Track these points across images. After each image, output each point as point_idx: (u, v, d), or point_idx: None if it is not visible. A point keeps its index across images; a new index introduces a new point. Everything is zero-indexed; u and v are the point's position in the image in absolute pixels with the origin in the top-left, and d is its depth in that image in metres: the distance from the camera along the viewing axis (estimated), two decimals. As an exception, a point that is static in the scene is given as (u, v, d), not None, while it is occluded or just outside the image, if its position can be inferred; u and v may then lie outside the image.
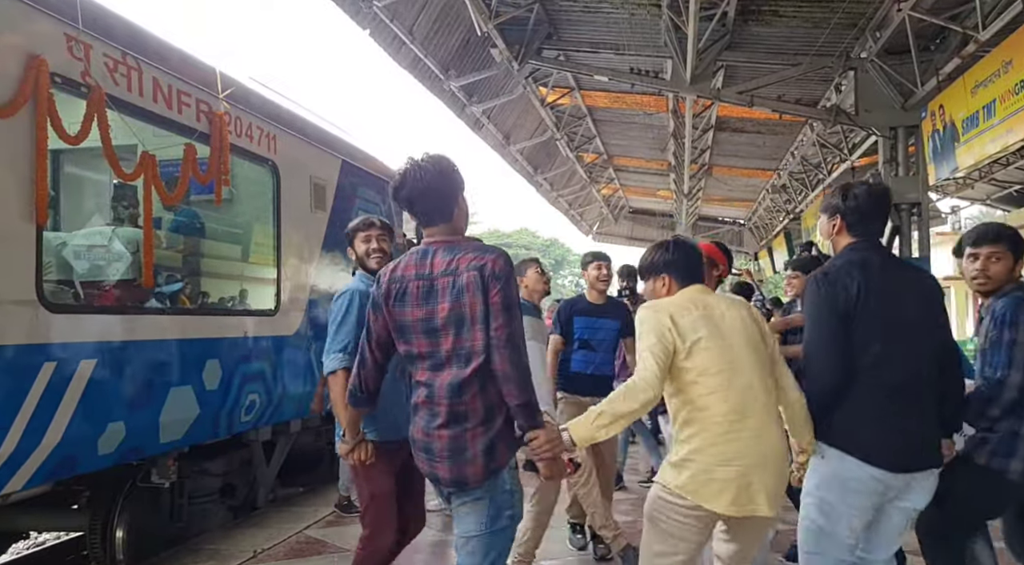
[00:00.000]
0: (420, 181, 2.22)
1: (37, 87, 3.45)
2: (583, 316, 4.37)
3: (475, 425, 2.16)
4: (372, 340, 2.35)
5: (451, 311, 2.15)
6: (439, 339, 2.18)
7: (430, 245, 2.25)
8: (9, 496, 3.55)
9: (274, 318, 5.42)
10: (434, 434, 2.20)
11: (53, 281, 3.95)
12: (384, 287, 2.27)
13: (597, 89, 11.06)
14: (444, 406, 2.18)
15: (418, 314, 2.20)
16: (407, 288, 2.22)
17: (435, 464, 2.22)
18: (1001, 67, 6.18)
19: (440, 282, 2.18)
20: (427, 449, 2.24)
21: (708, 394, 2.28)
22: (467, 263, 2.16)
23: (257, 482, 5.64)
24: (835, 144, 11.82)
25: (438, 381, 2.19)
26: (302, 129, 5.89)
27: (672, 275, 2.51)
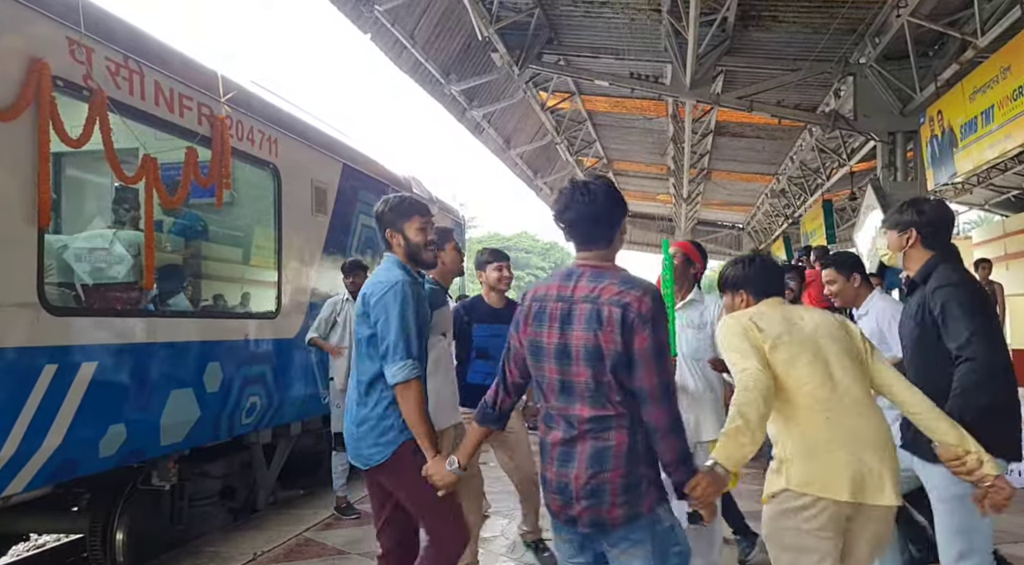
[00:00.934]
0: (589, 204, 2.07)
1: (39, 90, 3.47)
2: (483, 323, 3.95)
3: (617, 464, 2.00)
4: (512, 359, 2.22)
5: (586, 342, 2.02)
6: (571, 368, 2.04)
7: (576, 267, 2.13)
8: (10, 498, 3.56)
9: (275, 321, 5.43)
10: (571, 473, 2.04)
11: (54, 284, 3.96)
12: (526, 305, 2.15)
13: (597, 94, 11.10)
14: (586, 445, 2.03)
15: (553, 338, 2.07)
16: (546, 309, 2.10)
17: (571, 505, 2.04)
18: (999, 73, 6.21)
19: (579, 308, 2.04)
20: (562, 489, 2.06)
21: (799, 388, 2.24)
22: (609, 296, 2.01)
23: (257, 484, 5.64)
24: (834, 149, 11.86)
25: (575, 415, 2.05)
26: (303, 133, 5.91)
27: (749, 291, 2.52)
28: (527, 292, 2.22)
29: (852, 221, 15.16)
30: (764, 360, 2.23)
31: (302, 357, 5.74)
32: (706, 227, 23.05)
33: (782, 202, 16.58)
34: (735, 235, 23.28)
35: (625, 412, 2.02)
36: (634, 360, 1.98)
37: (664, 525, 2.04)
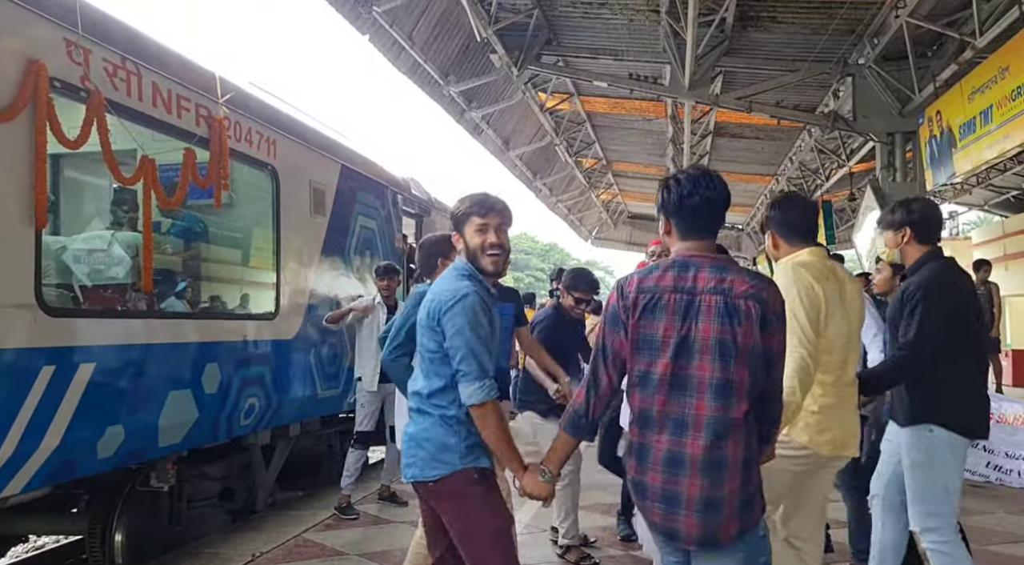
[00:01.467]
0: (711, 191, 2.04)
1: (36, 91, 3.46)
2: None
3: (734, 475, 1.91)
4: (609, 359, 2.08)
5: (716, 335, 1.93)
6: (693, 362, 1.94)
7: (690, 258, 2.04)
8: (7, 499, 3.55)
9: (273, 322, 5.42)
10: (683, 481, 1.91)
11: (52, 285, 3.96)
12: (631, 298, 2.03)
13: (596, 95, 11.11)
14: (701, 448, 1.90)
15: (672, 330, 1.96)
16: (661, 299, 1.99)
17: (677, 517, 1.93)
18: (998, 73, 6.22)
19: (705, 299, 1.95)
20: (669, 498, 1.93)
21: (827, 352, 2.52)
22: (745, 289, 1.94)
23: (256, 486, 5.63)
24: (833, 150, 11.88)
25: (690, 414, 1.93)
26: (302, 134, 5.91)
27: (785, 233, 2.76)
28: (625, 283, 2.09)
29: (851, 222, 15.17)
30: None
31: (301, 358, 5.73)
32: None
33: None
34: (734, 236, 23.29)
35: (746, 413, 1.93)
36: (772, 357, 1.97)
37: (760, 535, 2.00)
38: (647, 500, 1.99)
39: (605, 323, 2.11)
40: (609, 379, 2.10)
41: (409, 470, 2.46)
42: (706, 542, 1.93)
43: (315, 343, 5.93)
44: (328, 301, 6.17)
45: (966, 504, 5.48)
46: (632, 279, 2.08)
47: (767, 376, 1.97)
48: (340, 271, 6.43)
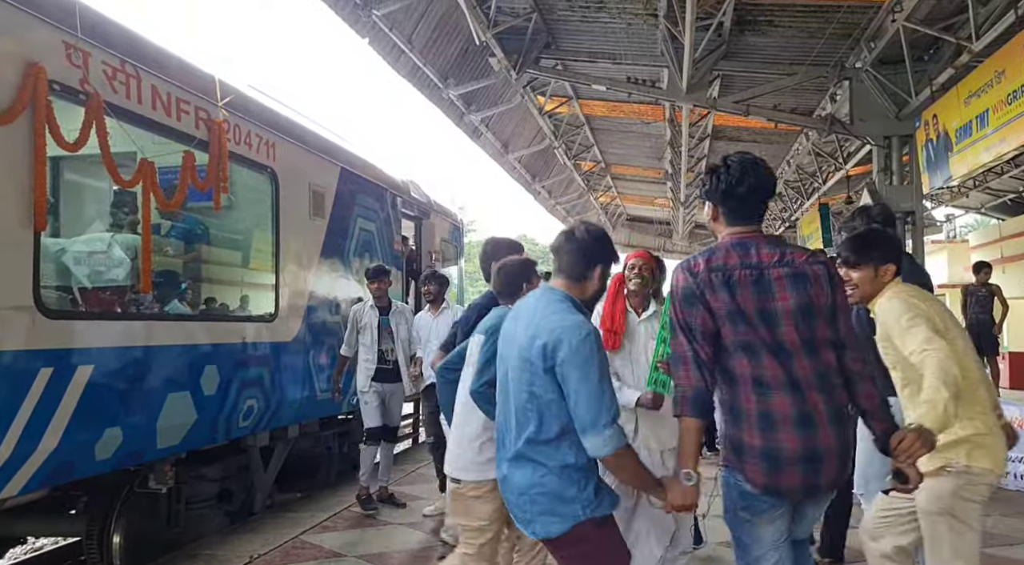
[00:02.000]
0: (758, 178, 2.19)
1: (35, 94, 3.48)
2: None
3: (845, 420, 2.11)
4: (697, 334, 2.14)
5: (797, 302, 2.10)
6: (780, 328, 2.10)
7: (745, 238, 2.19)
8: (5, 501, 3.56)
9: (272, 324, 5.44)
10: (818, 436, 2.04)
11: (51, 287, 3.97)
12: (703, 277, 2.14)
13: (595, 98, 11.13)
14: (822, 402, 2.06)
15: (752, 302, 2.12)
16: (733, 276, 2.13)
17: (819, 470, 2.05)
18: (994, 77, 6.24)
19: (772, 272, 2.13)
20: (812, 457, 2.04)
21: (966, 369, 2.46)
22: (804, 258, 2.16)
23: (254, 487, 5.64)
24: (830, 153, 11.90)
25: (798, 376, 2.07)
26: (301, 137, 5.93)
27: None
28: (692, 266, 2.19)
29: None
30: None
31: (300, 360, 5.75)
32: (704, 231, 23.05)
33: (779, 206, 16.62)
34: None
35: (836, 364, 2.13)
36: (838, 311, 2.15)
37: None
38: (791, 464, 2.05)
39: (678, 304, 2.18)
40: (706, 352, 2.15)
41: (528, 527, 2.28)
42: (834, 486, 2.14)
43: (314, 345, 5.95)
44: (327, 303, 6.19)
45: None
46: (698, 261, 2.20)
47: (836, 327, 2.15)
48: (339, 273, 6.44)
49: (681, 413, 2.16)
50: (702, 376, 2.13)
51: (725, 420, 2.21)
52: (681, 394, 2.17)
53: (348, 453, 7.05)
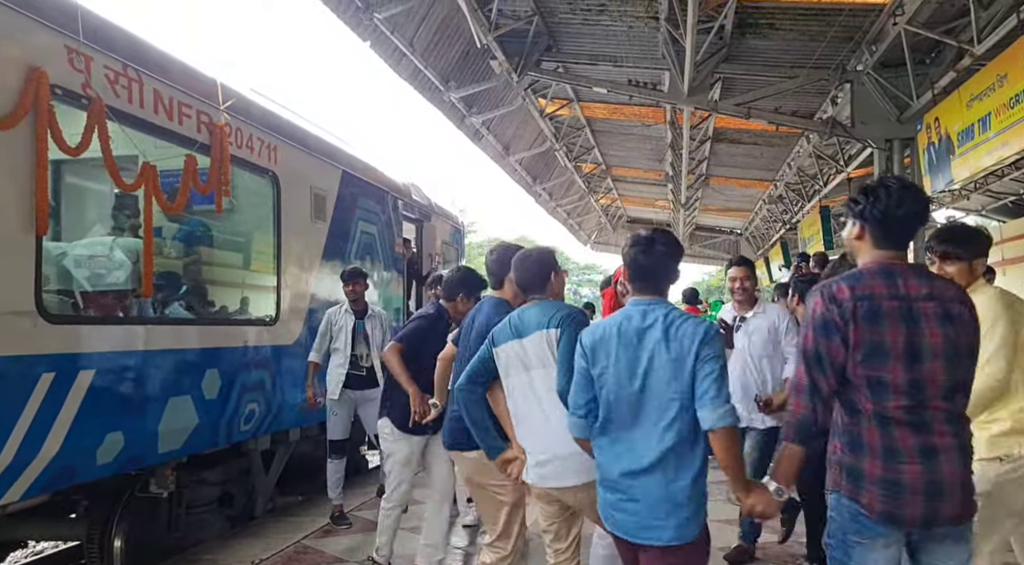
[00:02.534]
0: (918, 205, 2.14)
1: (38, 99, 3.48)
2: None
3: (968, 459, 2.13)
4: (827, 366, 2.09)
5: (945, 340, 2.06)
6: (924, 364, 2.05)
7: (892, 266, 2.13)
8: (7, 506, 3.55)
9: (274, 327, 5.43)
10: (942, 469, 2.06)
11: (52, 291, 3.96)
12: (848, 305, 2.07)
13: (595, 100, 11.12)
14: (949, 434, 2.07)
15: (899, 336, 2.05)
16: (881, 306, 2.06)
17: (940, 502, 2.07)
18: (996, 81, 6.24)
19: (921, 306, 2.07)
20: (934, 489, 2.06)
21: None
22: (951, 294, 2.12)
23: (256, 491, 5.63)
24: (831, 155, 11.90)
25: (928, 413, 2.06)
26: (303, 140, 5.92)
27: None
28: (833, 290, 2.11)
29: (850, 227, 15.17)
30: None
31: (300, 364, 5.73)
32: (704, 232, 23.10)
33: (780, 208, 16.61)
34: (733, 240, 23.33)
35: (964, 408, 2.14)
36: (975, 353, 2.14)
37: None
38: (905, 493, 2.06)
39: (814, 330, 2.11)
40: (829, 385, 2.11)
41: (654, 533, 2.27)
42: (959, 519, 2.11)
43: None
44: (328, 306, 6.18)
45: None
46: (840, 286, 2.11)
47: (970, 367, 2.15)
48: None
49: (786, 438, 2.17)
50: (813, 407, 2.11)
51: (839, 445, 2.16)
52: (788, 420, 2.18)
53: (350, 456, 7.04)
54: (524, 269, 3.01)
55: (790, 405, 2.16)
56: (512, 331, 2.85)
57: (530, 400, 2.79)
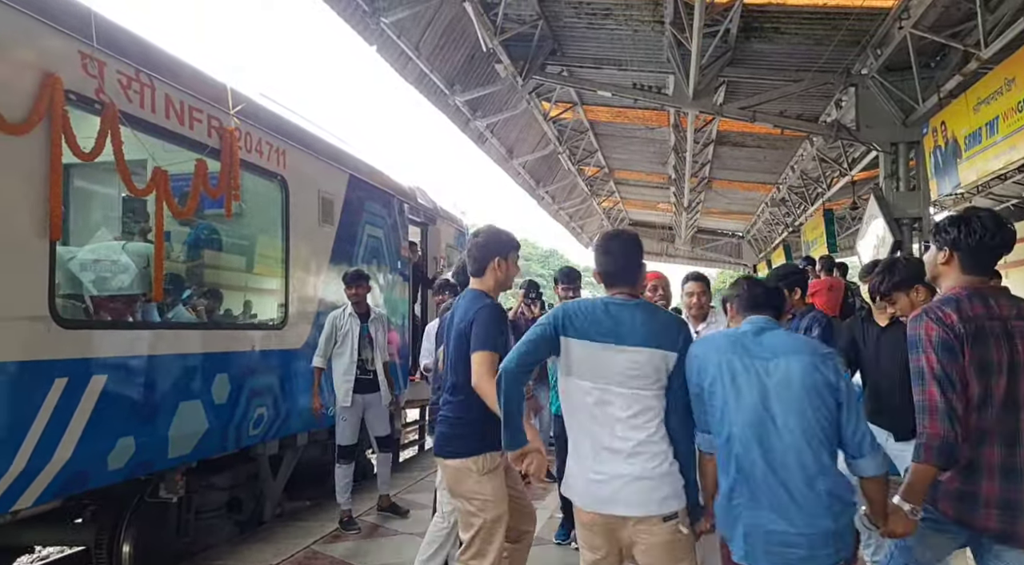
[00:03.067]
0: (1007, 234, 2.29)
1: (52, 104, 3.48)
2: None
3: None
4: (956, 386, 2.18)
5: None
6: (1019, 381, 2.19)
7: (983, 289, 2.28)
8: (19, 512, 3.54)
9: (282, 331, 5.43)
10: (1021, 488, 2.17)
11: (65, 296, 3.96)
12: (958, 327, 2.19)
13: (599, 104, 11.13)
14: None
15: (1001, 354, 2.19)
16: (983, 328, 2.20)
17: (1016, 520, 2.17)
18: (1004, 85, 6.24)
19: (1014, 325, 2.22)
20: (1010, 506, 2.17)
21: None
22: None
23: (264, 496, 5.62)
24: (834, 158, 11.90)
25: (1018, 430, 2.19)
26: (310, 144, 5.92)
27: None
28: (940, 315, 2.22)
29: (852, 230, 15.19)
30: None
31: (308, 367, 5.72)
32: (706, 235, 23.10)
33: (782, 211, 16.61)
34: (735, 243, 23.33)
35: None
36: None
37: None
38: (980, 508, 2.18)
39: (936, 352, 2.19)
40: (961, 403, 2.18)
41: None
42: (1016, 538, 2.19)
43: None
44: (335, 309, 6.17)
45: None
46: (946, 311, 2.23)
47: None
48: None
49: (924, 460, 2.17)
50: (952, 428, 2.15)
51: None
52: (925, 443, 2.18)
53: (357, 460, 7.03)
54: (614, 253, 2.53)
55: (924, 427, 2.18)
56: (607, 331, 2.38)
57: (602, 419, 2.38)
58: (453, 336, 3.05)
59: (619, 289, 2.49)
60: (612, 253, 2.52)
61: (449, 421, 3.03)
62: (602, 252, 2.54)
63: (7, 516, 3.48)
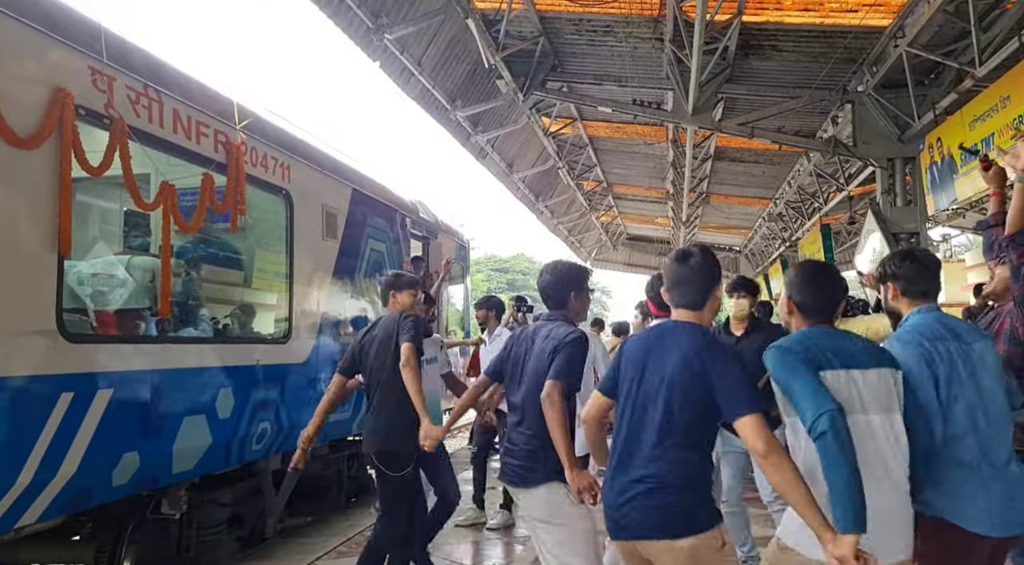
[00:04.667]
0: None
1: (62, 119, 3.50)
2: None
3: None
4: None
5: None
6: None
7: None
8: (23, 529, 3.52)
9: (286, 346, 5.42)
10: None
11: (72, 310, 3.95)
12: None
13: (599, 119, 11.22)
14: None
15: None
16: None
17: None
18: (999, 102, 6.32)
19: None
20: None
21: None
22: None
23: (266, 512, 5.58)
24: (831, 174, 12.00)
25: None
26: (315, 158, 5.95)
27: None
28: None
29: (848, 244, 15.28)
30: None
31: (312, 382, 5.72)
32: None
33: (779, 225, 16.70)
34: (732, 258, 23.41)
35: None
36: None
37: None
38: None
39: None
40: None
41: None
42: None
43: (325, 366, 5.91)
44: (339, 324, 6.17)
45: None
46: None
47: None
48: (350, 294, 6.44)
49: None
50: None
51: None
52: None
53: (358, 476, 7.00)
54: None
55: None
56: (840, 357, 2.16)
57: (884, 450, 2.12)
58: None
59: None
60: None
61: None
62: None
63: (11, 533, 3.45)
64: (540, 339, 3.01)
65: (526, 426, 2.95)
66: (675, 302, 2.41)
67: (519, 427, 2.99)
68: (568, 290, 3.11)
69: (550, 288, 3.12)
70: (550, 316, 3.14)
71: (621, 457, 2.31)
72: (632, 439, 2.29)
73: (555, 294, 3.12)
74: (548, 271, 3.17)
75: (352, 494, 7.05)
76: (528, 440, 2.92)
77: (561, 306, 3.11)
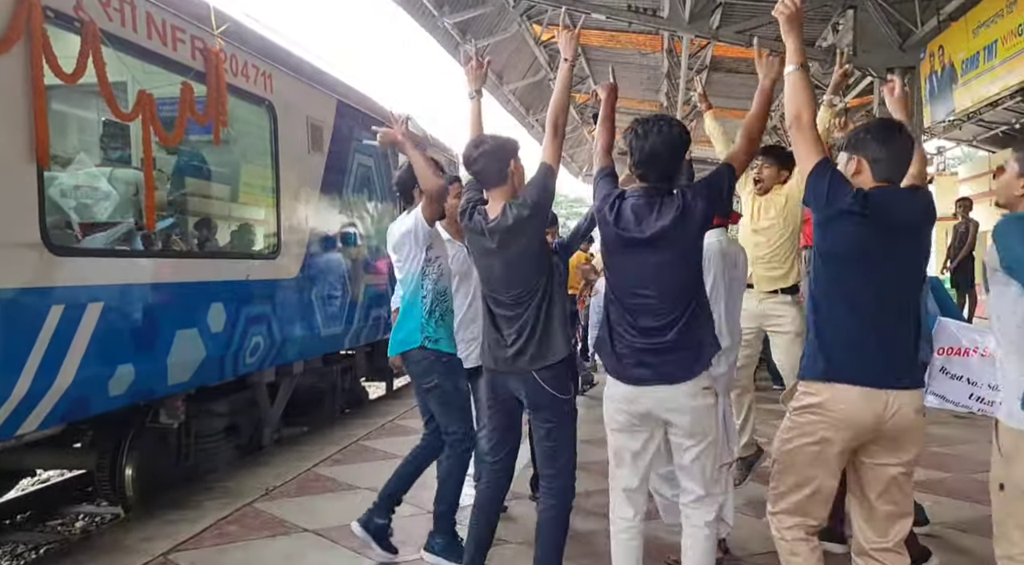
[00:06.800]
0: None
1: (29, 22, 3.33)
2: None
3: None
4: None
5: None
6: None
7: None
8: (23, 437, 3.60)
9: (275, 261, 5.40)
10: None
11: (56, 224, 3.89)
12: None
13: (592, 27, 10.81)
14: None
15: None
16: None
17: None
18: (1005, 7, 6.13)
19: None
20: None
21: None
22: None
23: (262, 422, 5.73)
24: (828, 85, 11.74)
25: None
26: (298, 68, 5.75)
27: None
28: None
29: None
30: None
31: (303, 297, 5.74)
32: (698, 164, 22.66)
33: (774, 138, 16.47)
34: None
35: None
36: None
37: None
38: None
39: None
40: None
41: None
42: None
43: (316, 282, 5.93)
44: (328, 239, 6.14)
45: (951, 433, 5.71)
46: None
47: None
48: (338, 209, 6.37)
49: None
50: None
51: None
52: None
53: (351, 388, 7.16)
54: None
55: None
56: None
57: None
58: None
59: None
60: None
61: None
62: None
63: (12, 440, 3.53)
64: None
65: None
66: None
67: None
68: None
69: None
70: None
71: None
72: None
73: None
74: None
75: (345, 406, 7.23)
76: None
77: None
